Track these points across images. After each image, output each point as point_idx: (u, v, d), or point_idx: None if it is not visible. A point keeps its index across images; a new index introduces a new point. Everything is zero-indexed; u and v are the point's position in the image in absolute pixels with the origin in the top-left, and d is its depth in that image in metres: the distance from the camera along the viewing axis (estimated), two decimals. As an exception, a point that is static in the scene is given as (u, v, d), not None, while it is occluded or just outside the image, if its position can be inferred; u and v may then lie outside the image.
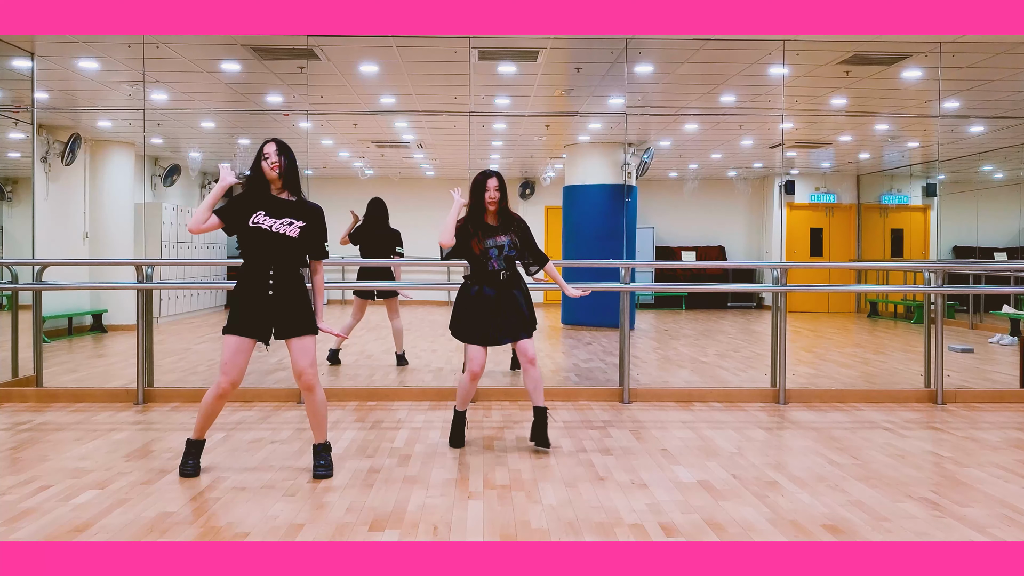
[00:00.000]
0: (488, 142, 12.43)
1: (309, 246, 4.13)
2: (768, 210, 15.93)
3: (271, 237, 4.02)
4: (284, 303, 4.04)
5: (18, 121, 8.48)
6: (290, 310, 4.05)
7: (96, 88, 8.76)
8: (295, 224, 4.05)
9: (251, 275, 4.06)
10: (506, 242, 4.64)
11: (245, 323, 4.05)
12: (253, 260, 4.06)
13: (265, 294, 4.02)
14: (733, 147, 12.89)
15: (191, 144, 13.08)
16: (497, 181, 4.64)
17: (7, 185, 10.19)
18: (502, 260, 4.63)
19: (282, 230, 4.04)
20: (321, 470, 4.10)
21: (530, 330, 4.69)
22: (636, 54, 7.55)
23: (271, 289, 4.02)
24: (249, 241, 4.05)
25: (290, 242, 4.04)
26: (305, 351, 4.07)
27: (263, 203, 4.08)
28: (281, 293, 4.03)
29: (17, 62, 7.30)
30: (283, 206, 4.09)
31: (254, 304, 4.04)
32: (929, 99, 9.06)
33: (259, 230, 4.02)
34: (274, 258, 4.03)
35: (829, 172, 15.60)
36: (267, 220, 4.03)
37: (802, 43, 7.15)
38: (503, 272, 4.64)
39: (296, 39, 6.98)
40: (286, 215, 4.07)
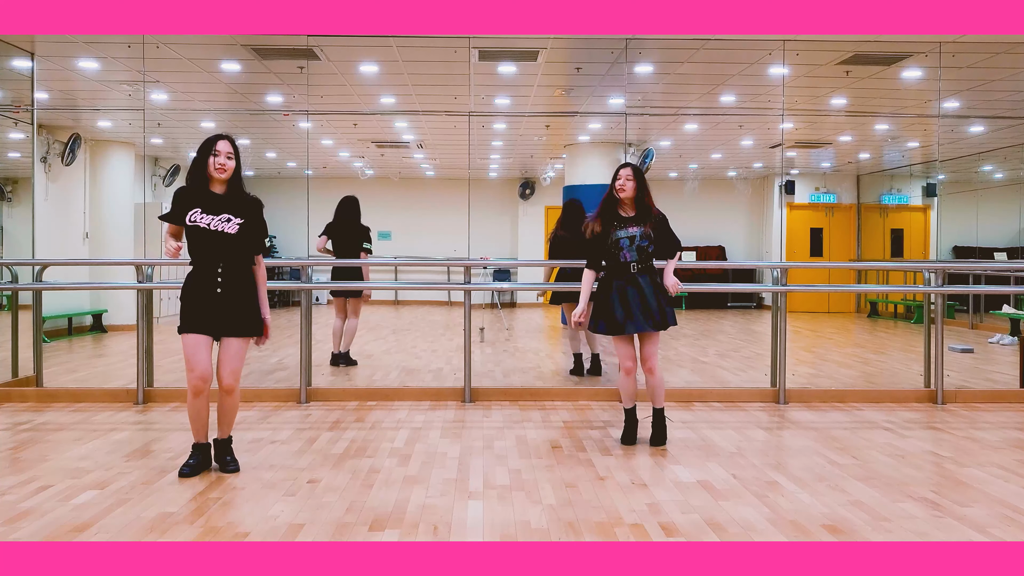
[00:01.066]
0: (488, 142, 12.43)
1: (249, 242, 4.08)
2: (768, 210, 15.93)
3: (210, 235, 3.97)
4: (231, 301, 4.02)
5: (18, 121, 8.47)
6: (236, 309, 4.03)
7: (96, 88, 8.76)
8: (233, 221, 4.00)
9: (200, 272, 4.03)
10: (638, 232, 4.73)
11: (196, 320, 4.01)
12: (199, 257, 4.02)
13: (213, 291, 3.99)
14: (733, 147, 12.89)
15: (191, 144, 13.07)
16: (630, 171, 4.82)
17: (7, 185, 10.19)
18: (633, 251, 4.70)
19: (221, 227, 3.98)
20: (230, 466, 4.13)
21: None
22: (636, 54, 7.55)
23: (220, 287, 3.99)
24: (191, 238, 4.00)
25: (230, 239, 3.99)
26: (237, 354, 4.06)
27: (200, 199, 4.00)
28: (229, 290, 4.02)
29: (17, 62, 7.30)
30: (220, 202, 4.02)
31: (202, 301, 4.00)
32: (929, 99, 9.06)
33: (197, 228, 3.97)
34: (219, 255, 3.99)
35: (829, 172, 15.60)
36: (205, 217, 3.97)
37: (802, 43, 7.15)
38: (635, 264, 4.70)
39: (296, 39, 6.98)
40: (224, 211, 4.00)
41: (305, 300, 6.19)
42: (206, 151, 4.01)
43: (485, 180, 16.19)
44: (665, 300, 4.73)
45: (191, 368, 4.00)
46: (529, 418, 5.54)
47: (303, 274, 6.25)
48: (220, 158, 4.00)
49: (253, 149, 13.44)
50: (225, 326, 4.03)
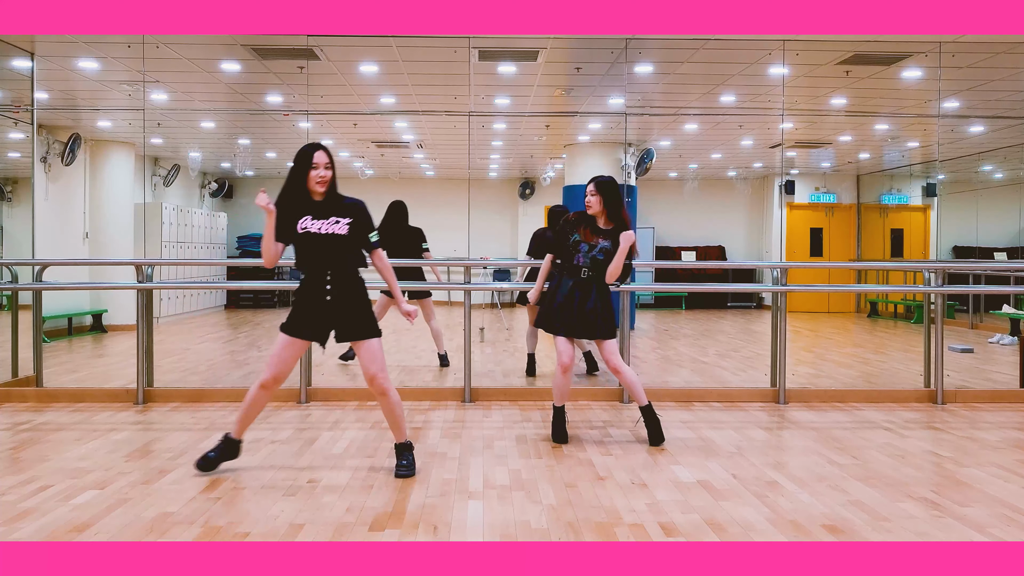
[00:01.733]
0: (488, 142, 12.42)
1: (360, 240, 4.10)
2: (768, 210, 15.93)
3: (322, 239, 3.99)
4: (343, 307, 4.03)
5: (18, 121, 8.47)
6: (350, 314, 4.04)
7: (96, 88, 8.76)
8: (342, 222, 4.01)
9: (311, 281, 4.05)
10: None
11: (301, 325, 4.04)
12: (310, 265, 4.04)
13: (323, 299, 4.01)
14: (733, 147, 12.89)
15: (191, 144, 13.08)
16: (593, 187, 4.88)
17: (7, 185, 10.19)
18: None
19: (331, 230, 4.00)
20: (403, 470, 4.11)
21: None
22: (636, 54, 7.55)
23: (329, 294, 4.01)
24: (302, 247, 4.02)
25: (342, 240, 4.01)
26: (373, 356, 4.05)
27: (307, 208, 4.02)
28: (339, 297, 4.02)
29: (17, 62, 7.30)
30: (325, 207, 4.04)
31: (312, 308, 4.03)
32: (929, 99, 9.06)
33: (308, 235, 3.99)
34: (329, 260, 4.01)
35: (829, 172, 15.60)
36: (315, 223, 3.99)
37: (802, 43, 7.15)
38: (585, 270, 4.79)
39: (296, 39, 6.98)
40: (332, 214, 4.02)
41: (305, 300, 6.18)
42: (305, 164, 4.00)
43: (485, 180, 16.19)
44: (605, 310, 4.80)
45: (270, 365, 4.03)
46: (529, 418, 5.54)
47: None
48: (320, 170, 4.00)
49: (253, 149, 13.45)
50: (345, 332, 4.07)
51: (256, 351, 9.15)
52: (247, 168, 15.18)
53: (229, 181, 15.71)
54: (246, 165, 14.91)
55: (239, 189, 16.17)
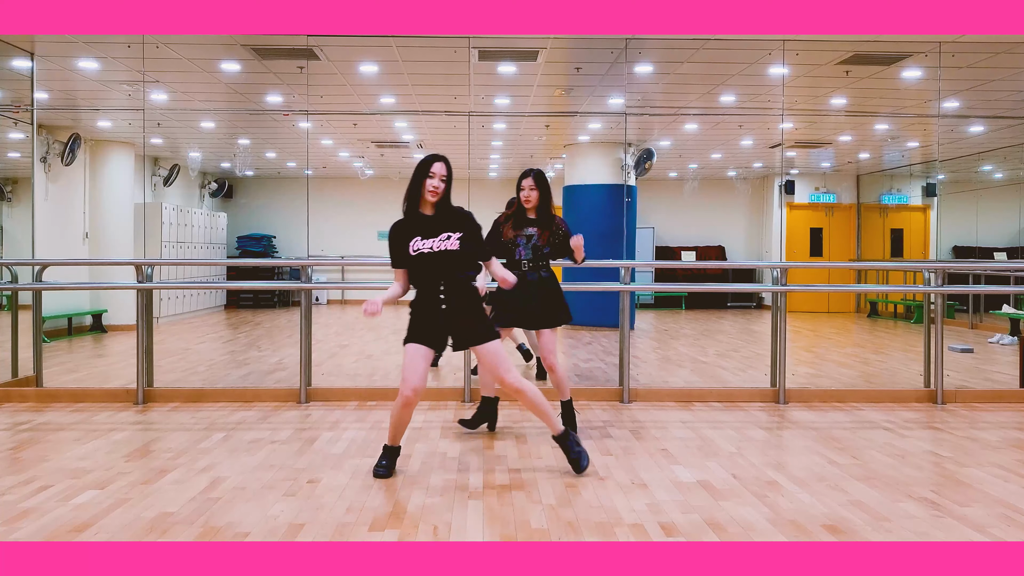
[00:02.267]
0: (488, 142, 12.43)
1: (473, 252, 4.11)
2: (768, 210, 15.93)
3: (436, 257, 4.01)
4: (459, 315, 4.06)
5: (18, 121, 8.47)
6: (466, 321, 4.07)
7: (96, 88, 8.76)
8: (453, 237, 4.03)
9: (424, 293, 4.08)
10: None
11: (422, 334, 4.07)
12: (423, 280, 4.07)
13: (439, 308, 4.05)
14: (733, 147, 12.89)
15: (191, 144, 13.08)
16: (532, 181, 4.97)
17: (7, 185, 10.19)
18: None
19: (443, 247, 4.01)
20: (581, 458, 4.14)
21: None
22: (636, 54, 7.55)
23: (444, 303, 4.04)
24: (417, 267, 4.05)
25: (454, 256, 4.02)
26: (497, 358, 4.07)
27: (416, 228, 4.05)
28: (454, 305, 4.05)
29: (17, 62, 7.30)
30: (435, 223, 4.06)
31: (429, 318, 4.07)
32: (929, 99, 9.06)
33: (422, 255, 4.01)
34: (443, 274, 4.03)
35: (829, 172, 15.60)
36: (426, 243, 4.01)
37: (802, 43, 7.15)
38: (528, 262, 4.96)
39: (296, 39, 6.98)
40: (441, 231, 4.04)
41: (305, 300, 6.19)
42: (423, 173, 4.05)
43: (485, 180, 16.19)
44: (547, 301, 4.95)
45: (405, 379, 4.01)
46: (529, 418, 5.54)
47: (303, 274, 6.24)
48: (435, 180, 4.03)
49: (253, 149, 13.45)
50: (463, 339, 4.10)
51: (256, 351, 9.15)
52: (247, 168, 15.19)
53: (229, 181, 15.72)
54: (246, 165, 14.92)
55: (239, 189, 16.18)
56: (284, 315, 13.92)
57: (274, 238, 16.04)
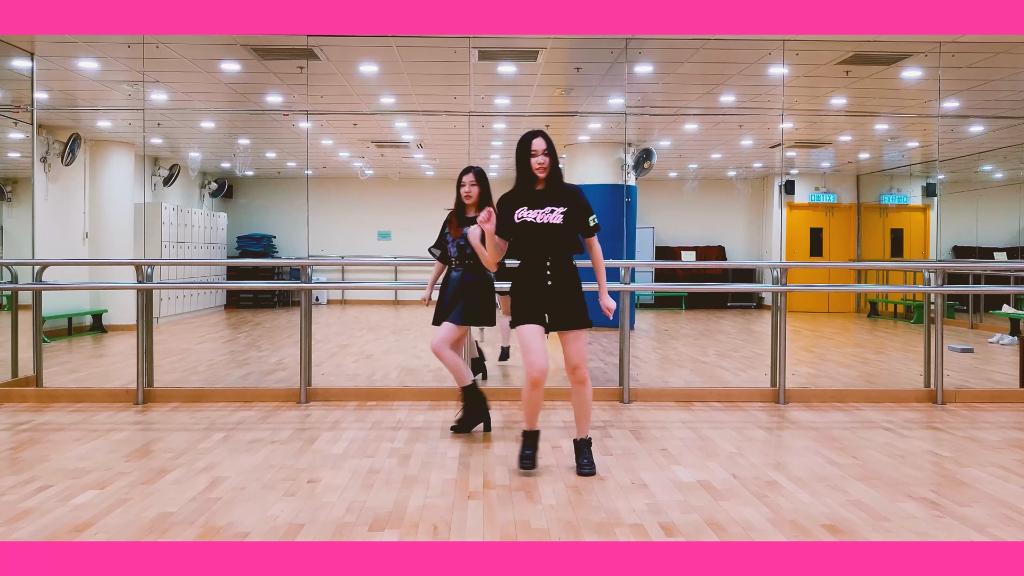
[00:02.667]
0: (488, 142, 12.43)
1: (576, 227, 4.15)
2: (768, 210, 15.93)
3: (539, 229, 4.08)
4: (561, 295, 4.11)
5: (18, 121, 8.47)
6: (567, 302, 4.11)
7: (96, 88, 8.76)
8: (557, 211, 4.10)
9: (529, 268, 4.15)
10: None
11: (529, 312, 4.12)
12: (529, 254, 4.14)
13: (544, 284, 4.10)
14: (733, 147, 12.89)
15: (191, 144, 13.08)
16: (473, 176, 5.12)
17: (7, 185, 10.19)
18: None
19: (547, 219, 4.08)
20: (586, 468, 4.14)
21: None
22: (636, 54, 7.55)
23: (549, 279, 4.10)
24: (521, 237, 4.12)
25: (558, 229, 4.08)
26: (580, 347, 4.13)
27: (524, 199, 4.15)
28: (558, 284, 4.11)
29: (17, 62, 7.30)
30: (542, 196, 4.14)
31: (532, 294, 4.12)
32: (929, 99, 9.06)
33: (525, 224, 4.09)
34: (548, 248, 4.09)
35: (829, 172, 15.60)
36: (531, 213, 4.10)
37: (802, 43, 7.15)
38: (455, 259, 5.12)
39: (296, 39, 6.98)
40: (548, 204, 4.12)
41: (305, 300, 6.19)
42: (525, 153, 4.17)
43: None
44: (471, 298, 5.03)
45: (528, 362, 4.06)
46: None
47: (303, 274, 6.24)
48: (538, 157, 4.13)
49: (253, 149, 13.45)
50: (560, 321, 4.12)
51: (256, 351, 9.16)
52: (247, 168, 15.19)
53: (229, 181, 15.72)
54: (246, 165, 14.92)
55: (239, 189, 16.18)
56: (284, 315, 13.92)
57: (274, 238, 16.04)
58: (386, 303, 16.11)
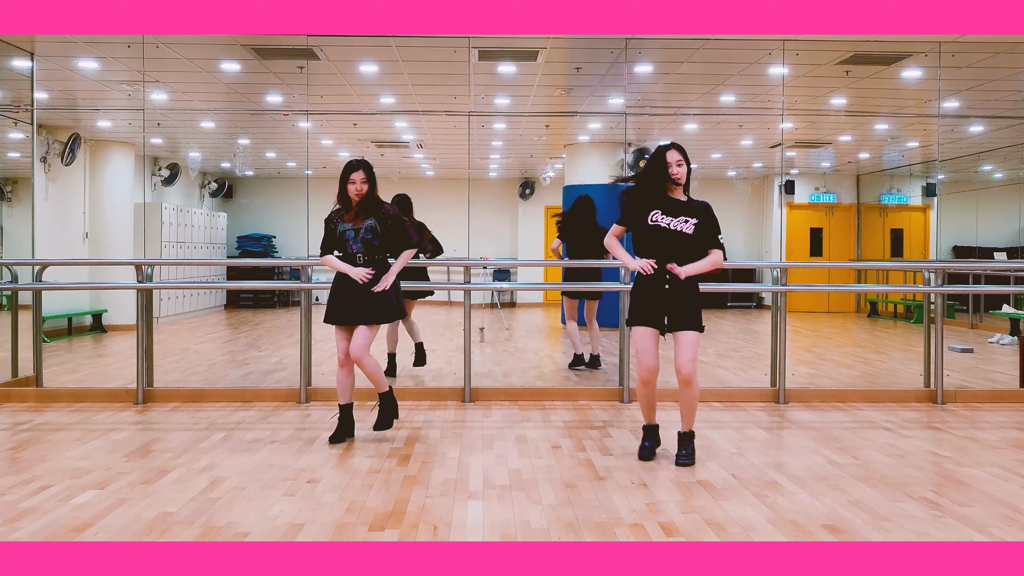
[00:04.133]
0: (488, 142, 12.42)
1: (704, 240, 4.36)
2: (768, 210, 15.93)
3: (670, 235, 4.30)
4: (679, 298, 4.31)
5: (18, 121, 8.47)
6: (683, 304, 4.31)
7: (96, 88, 8.76)
8: (690, 222, 4.32)
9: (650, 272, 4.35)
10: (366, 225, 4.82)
11: (645, 315, 4.34)
12: (652, 256, 4.32)
13: (662, 288, 4.30)
14: (733, 147, 12.89)
15: (191, 144, 13.07)
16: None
17: (7, 185, 10.19)
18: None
19: (680, 227, 4.30)
20: (684, 459, 4.34)
21: None
22: (636, 54, 7.55)
23: (668, 283, 4.29)
24: (648, 239, 4.33)
25: (686, 239, 4.30)
26: (690, 347, 4.30)
27: (659, 202, 4.35)
28: (677, 288, 4.30)
29: (17, 62, 7.30)
30: (678, 206, 4.36)
31: (651, 297, 4.33)
32: (929, 99, 9.05)
33: (659, 228, 4.30)
34: (673, 255, 4.29)
35: (829, 172, 15.60)
36: (665, 219, 4.31)
37: (802, 43, 7.15)
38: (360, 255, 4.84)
39: (296, 39, 6.98)
40: (682, 214, 4.33)
41: (305, 300, 6.19)
42: (660, 163, 4.33)
43: (485, 180, 16.19)
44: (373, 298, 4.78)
45: (639, 361, 4.36)
46: (529, 418, 5.54)
47: (303, 274, 6.24)
48: (673, 168, 4.33)
49: (253, 149, 13.44)
50: (675, 322, 4.31)
51: (256, 351, 9.15)
52: (247, 168, 15.18)
53: (229, 181, 15.71)
54: (246, 165, 14.91)
55: (239, 189, 16.17)
56: (284, 315, 13.91)
57: (274, 238, 16.03)
58: (386, 303, 16.06)
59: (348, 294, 4.79)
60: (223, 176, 15.61)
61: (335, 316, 4.84)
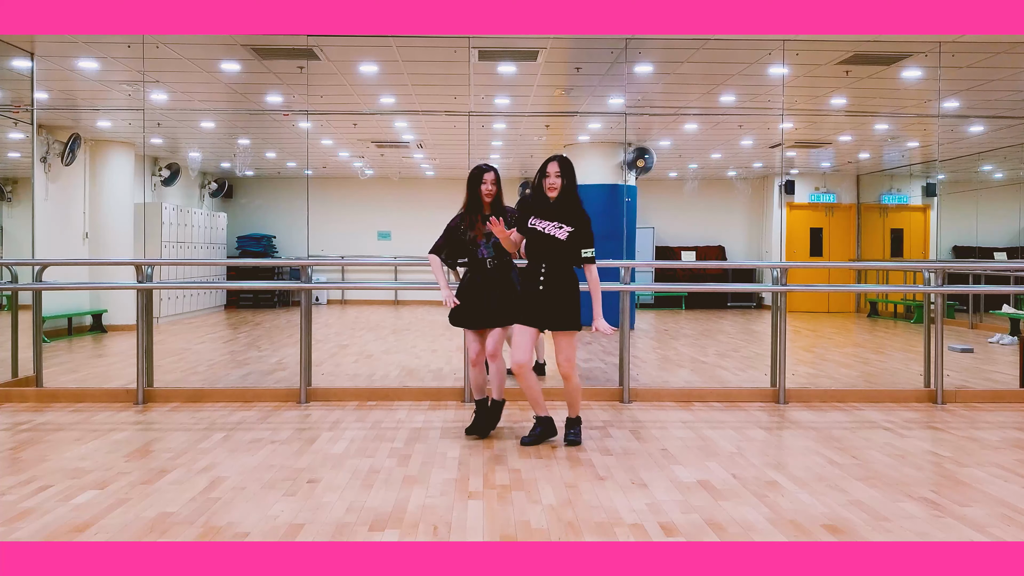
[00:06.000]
0: (488, 142, 12.42)
1: (575, 246, 4.59)
2: (768, 210, 15.93)
3: (544, 238, 4.57)
4: (553, 299, 4.59)
5: (18, 121, 8.47)
6: (557, 306, 4.59)
7: (96, 88, 8.76)
8: (564, 228, 4.55)
9: (528, 271, 4.68)
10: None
11: (523, 312, 4.63)
12: (532, 256, 4.64)
13: (536, 289, 4.58)
14: (733, 147, 12.89)
15: (191, 144, 13.07)
16: (494, 175, 4.96)
17: (7, 185, 10.18)
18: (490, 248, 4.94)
19: (553, 232, 4.55)
20: (571, 436, 4.76)
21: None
22: (636, 54, 7.55)
23: (542, 285, 4.57)
24: (528, 240, 4.66)
25: (559, 243, 4.56)
26: (567, 346, 4.62)
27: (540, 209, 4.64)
28: (550, 288, 4.58)
29: (17, 62, 7.30)
30: (555, 213, 4.59)
31: (529, 298, 4.63)
32: (929, 99, 9.06)
33: (535, 231, 4.61)
34: (546, 256, 4.56)
35: (829, 172, 15.60)
36: (541, 223, 4.59)
37: (802, 43, 7.15)
38: (490, 260, 4.94)
39: (296, 39, 6.98)
40: (557, 220, 4.58)
41: (305, 300, 6.19)
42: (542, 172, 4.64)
43: (485, 180, 16.17)
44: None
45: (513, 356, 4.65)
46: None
47: (303, 274, 6.24)
48: (550, 178, 4.63)
49: (253, 149, 13.44)
50: (550, 322, 4.65)
51: (256, 351, 9.16)
52: (247, 168, 15.19)
53: (229, 181, 15.71)
54: (246, 165, 14.91)
55: (239, 189, 16.17)
56: (284, 315, 13.92)
57: (274, 238, 16.04)
58: (386, 303, 16.11)
59: (482, 297, 4.90)
60: (223, 176, 15.61)
61: (471, 320, 4.96)
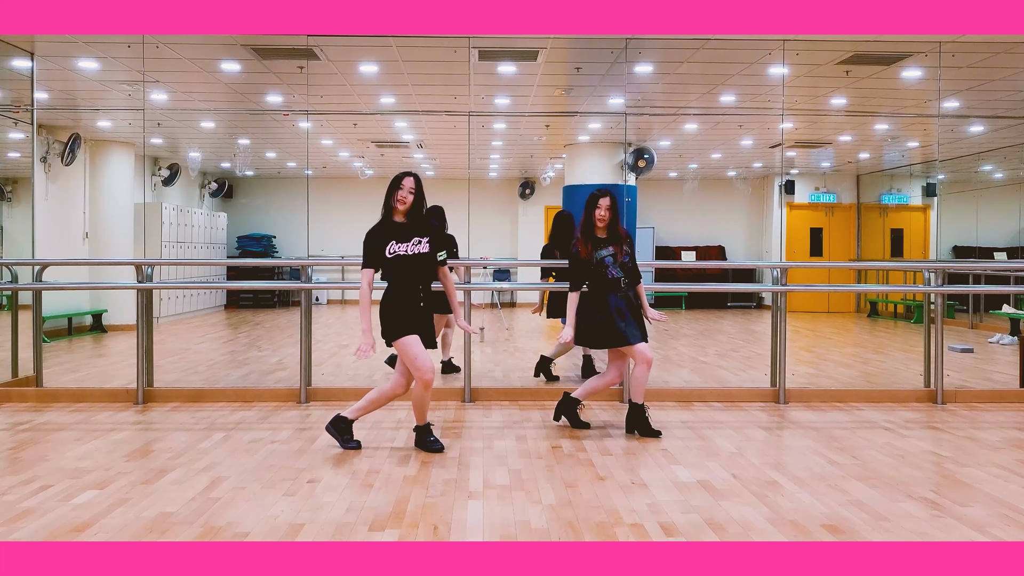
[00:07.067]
0: (488, 142, 12.42)
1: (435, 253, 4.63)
2: (768, 210, 15.93)
3: (412, 259, 4.55)
4: (429, 315, 4.66)
5: (18, 121, 8.47)
6: (430, 322, 4.66)
7: (96, 88, 8.76)
8: (423, 242, 4.56)
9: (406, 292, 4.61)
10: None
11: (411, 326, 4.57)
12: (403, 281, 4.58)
13: (417, 306, 4.57)
14: (733, 147, 12.89)
15: (191, 144, 13.07)
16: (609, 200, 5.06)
17: (7, 185, 10.18)
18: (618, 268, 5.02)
19: (415, 251, 4.53)
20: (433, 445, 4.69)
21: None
22: (636, 54, 7.55)
23: (421, 302, 4.58)
24: (392, 268, 4.56)
25: (425, 257, 4.57)
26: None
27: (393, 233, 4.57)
28: (428, 306, 4.63)
29: (17, 62, 7.30)
30: (409, 231, 4.58)
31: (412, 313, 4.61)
32: (929, 99, 9.06)
33: (398, 257, 4.54)
34: (418, 275, 4.56)
35: (829, 172, 15.60)
36: (401, 247, 4.53)
37: (802, 43, 7.15)
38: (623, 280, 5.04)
39: (296, 39, 6.98)
40: (415, 236, 4.58)
41: (305, 300, 6.19)
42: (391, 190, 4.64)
43: (485, 180, 16.19)
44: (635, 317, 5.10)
45: (425, 366, 4.51)
46: (529, 418, 5.54)
47: (303, 274, 6.24)
48: (402, 192, 4.61)
49: (253, 149, 13.44)
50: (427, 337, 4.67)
51: (256, 351, 9.15)
52: (247, 168, 15.18)
53: (229, 181, 15.71)
54: (246, 165, 14.91)
55: (239, 189, 16.17)
56: (284, 315, 13.91)
57: (274, 238, 16.04)
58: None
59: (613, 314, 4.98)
60: (223, 176, 15.61)
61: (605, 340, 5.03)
